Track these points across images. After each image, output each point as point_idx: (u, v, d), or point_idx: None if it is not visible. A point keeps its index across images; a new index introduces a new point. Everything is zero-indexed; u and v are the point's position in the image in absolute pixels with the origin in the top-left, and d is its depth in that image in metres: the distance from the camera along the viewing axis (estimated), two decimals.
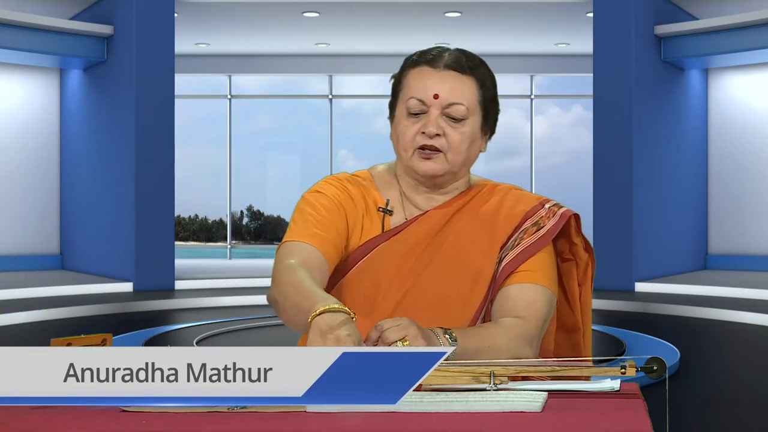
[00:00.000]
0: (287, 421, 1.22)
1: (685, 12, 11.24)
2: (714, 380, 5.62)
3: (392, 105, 1.75)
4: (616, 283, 10.15)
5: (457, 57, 1.70)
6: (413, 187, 1.75)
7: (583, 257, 1.78)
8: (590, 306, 1.81)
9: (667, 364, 1.32)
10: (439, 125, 1.66)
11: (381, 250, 1.71)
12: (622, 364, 1.32)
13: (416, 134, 1.68)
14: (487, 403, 1.24)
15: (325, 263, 1.64)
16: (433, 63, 1.69)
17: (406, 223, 1.73)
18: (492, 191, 1.79)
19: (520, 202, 1.76)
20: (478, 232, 1.72)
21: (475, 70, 1.70)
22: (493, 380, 1.34)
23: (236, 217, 16.29)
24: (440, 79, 1.67)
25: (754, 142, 11.75)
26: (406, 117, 1.69)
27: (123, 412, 1.28)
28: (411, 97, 1.68)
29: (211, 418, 1.23)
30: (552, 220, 1.73)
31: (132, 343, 6.53)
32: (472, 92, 1.69)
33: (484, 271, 1.70)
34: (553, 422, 1.18)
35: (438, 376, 1.36)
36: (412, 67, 1.71)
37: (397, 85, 1.73)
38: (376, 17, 11.91)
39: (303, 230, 1.67)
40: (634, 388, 1.38)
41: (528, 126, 15.30)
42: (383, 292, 1.68)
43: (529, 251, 1.70)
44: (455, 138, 1.68)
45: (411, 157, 1.69)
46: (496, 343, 1.57)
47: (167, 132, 10.26)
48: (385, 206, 1.74)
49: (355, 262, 1.71)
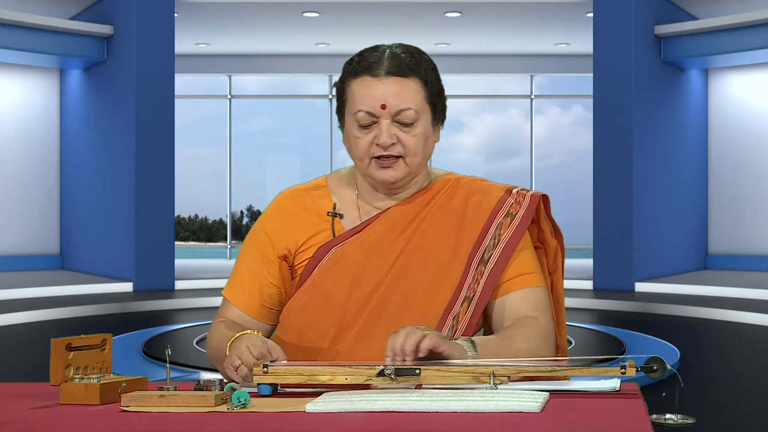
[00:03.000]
0: (287, 421, 1.22)
1: (685, 12, 11.24)
2: (714, 380, 5.62)
3: (340, 113, 1.73)
4: (616, 283, 10.15)
5: (398, 59, 1.66)
6: (371, 190, 1.74)
7: (551, 244, 1.76)
8: (563, 295, 1.78)
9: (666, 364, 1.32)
10: (391, 134, 1.64)
11: (341, 251, 1.70)
12: (622, 364, 1.32)
13: (370, 145, 1.66)
14: (487, 403, 1.24)
15: (252, 321, 1.76)
16: (374, 71, 1.65)
17: (367, 222, 1.72)
18: (456, 186, 1.76)
19: (485, 196, 1.74)
20: (444, 230, 1.71)
21: (416, 70, 1.66)
22: (493, 380, 1.34)
23: (236, 217, 16.29)
24: (384, 87, 1.64)
25: (754, 142, 11.75)
26: (356, 128, 1.67)
27: (123, 412, 1.28)
28: (358, 110, 1.65)
29: (211, 418, 1.23)
30: (523, 205, 1.71)
31: (132, 343, 6.53)
32: (417, 93, 1.66)
33: (451, 270, 1.68)
34: (553, 422, 1.18)
35: (438, 376, 1.36)
36: (353, 76, 1.67)
37: (341, 94, 1.71)
38: (376, 17, 11.91)
39: (233, 288, 1.79)
40: (634, 388, 1.38)
41: (528, 126, 15.30)
42: (346, 291, 1.67)
43: (511, 244, 1.68)
44: (410, 142, 1.65)
45: (368, 166, 1.68)
46: (518, 347, 1.56)
47: (167, 132, 10.26)
48: (333, 210, 1.74)
49: (313, 268, 1.71)
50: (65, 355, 1.40)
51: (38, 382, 1.55)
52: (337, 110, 1.74)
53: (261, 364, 1.40)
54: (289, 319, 1.73)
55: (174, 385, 1.33)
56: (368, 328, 1.64)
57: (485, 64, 14.46)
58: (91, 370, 1.44)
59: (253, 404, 1.30)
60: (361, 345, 1.63)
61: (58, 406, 1.34)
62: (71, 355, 1.41)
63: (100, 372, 1.45)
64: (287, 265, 1.75)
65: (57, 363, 1.40)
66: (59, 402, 1.35)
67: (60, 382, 1.38)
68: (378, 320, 1.64)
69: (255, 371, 1.39)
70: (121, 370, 1.72)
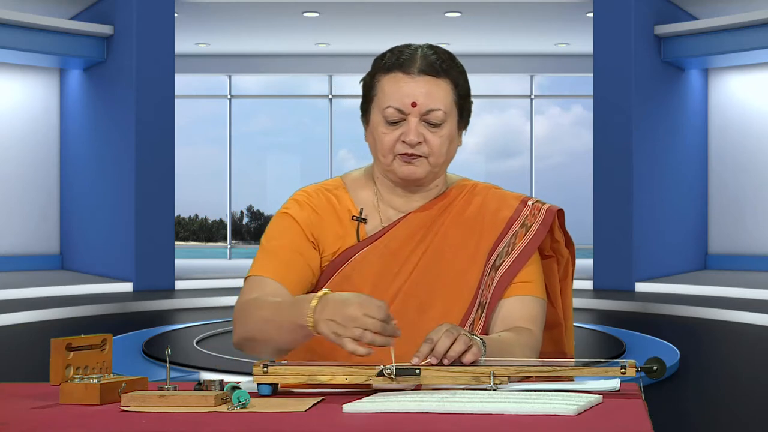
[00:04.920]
0: (287, 421, 1.22)
1: (685, 12, 11.24)
2: (714, 380, 5.62)
3: (365, 108, 1.72)
4: (616, 283, 10.15)
5: (430, 59, 1.66)
6: (391, 188, 1.74)
7: (564, 254, 1.77)
8: (571, 301, 1.81)
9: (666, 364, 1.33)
10: (419, 133, 1.64)
11: (361, 257, 1.69)
12: (622, 364, 1.32)
13: (396, 141, 1.66)
14: (522, 405, 1.24)
15: (288, 295, 1.62)
16: (407, 68, 1.65)
17: (387, 228, 1.72)
18: (472, 192, 1.77)
19: (502, 205, 1.75)
20: (463, 237, 1.72)
21: (449, 71, 1.67)
22: (493, 381, 1.34)
23: (236, 217, 16.29)
24: (416, 85, 1.64)
25: (754, 142, 11.75)
26: (383, 124, 1.67)
27: (123, 412, 1.28)
28: (388, 106, 1.65)
29: (211, 418, 1.23)
30: (538, 218, 1.72)
31: (132, 343, 6.53)
32: (447, 95, 1.66)
33: (469, 276, 1.69)
34: (553, 422, 1.17)
35: (438, 376, 1.36)
36: (384, 72, 1.68)
37: (370, 89, 1.70)
38: (376, 17, 11.91)
39: (266, 264, 1.67)
40: (634, 388, 1.38)
41: (528, 126, 15.30)
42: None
43: (525, 254, 1.69)
44: (436, 142, 1.66)
45: (392, 162, 1.68)
46: (513, 353, 1.56)
47: (167, 132, 10.26)
48: (359, 215, 1.73)
49: (333, 271, 1.70)
50: (65, 355, 1.40)
51: (38, 382, 1.55)
52: (363, 105, 1.73)
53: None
54: None
55: (174, 385, 1.33)
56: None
57: (485, 64, 14.46)
58: (91, 370, 1.44)
59: (253, 404, 1.30)
60: (381, 353, 1.61)
61: (58, 406, 1.34)
62: (71, 355, 1.41)
63: (100, 372, 1.45)
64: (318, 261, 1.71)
65: (57, 363, 1.40)
66: (59, 402, 1.35)
67: (60, 382, 1.38)
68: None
69: (255, 371, 1.39)
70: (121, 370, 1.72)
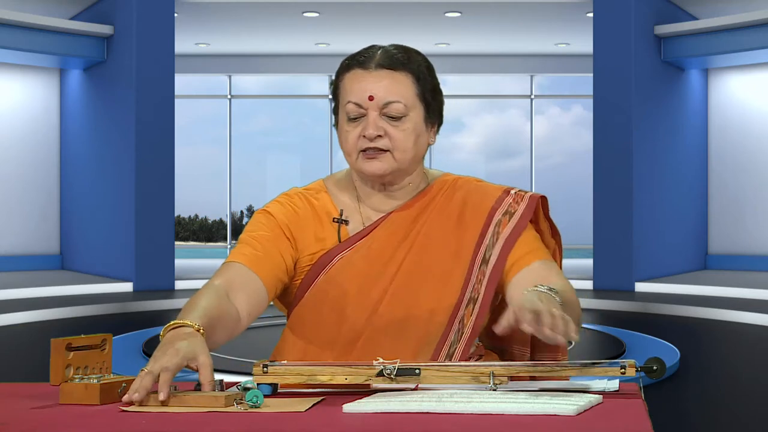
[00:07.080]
0: (287, 421, 1.22)
1: (685, 12, 11.24)
2: (714, 380, 5.62)
3: (335, 111, 1.74)
4: (616, 283, 10.15)
5: (389, 54, 1.67)
6: (369, 189, 1.74)
7: (550, 244, 1.76)
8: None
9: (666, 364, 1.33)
10: (378, 126, 1.65)
11: (345, 259, 1.69)
12: (622, 364, 1.32)
13: (358, 138, 1.66)
14: (522, 405, 1.24)
15: (255, 279, 1.63)
16: (365, 64, 1.67)
17: (368, 229, 1.71)
18: (454, 187, 1.76)
19: (484, 197, 1.73)
20: (446, 233, 1.71)
21: (408, 65, 1.67)
22: (493, 380, 1.34)
23: (236, 217, 16.29)
24: (373, 79, 1.65)
25: (754, 142, 11.75)
26: (346, 122, 1.68)
27: (123, 412, 1.28)
28: (348, 102, 1.67)
29: (210, 417, 1.23)
30: (522, 203, 1.71)
31: (132, 343, 6.53)
32: (408, 87, 1.66)
33: (455, 272, 1.68)
34: (553, 422, 1.17)
35: (437, 376, 1.36)
36: (345, 71, 1.70)
37: (336, 91, 1.72)
38: (376, 17, 11.91)
39: (238, 251, 1.68)
40: (634, 388, 1.38)
41: (528, 126, 15.30)
42: (353, 300, 1.66)
43: (510, 240, 1.68)
44: (398, 136, 1.65)
45: (356, 160, 1.68)
46: (569, 298, 1.51)
47: (167, 132, 10.26)
48: (339, 216, 1.73)
49: (317, 274, 1.70)
50: (65, 355, 1.40)
51: (38, 382, 1.55)
52: (333, 109, 1.75)
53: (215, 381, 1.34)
54: (294, 330, 1.72)
55: (174, 385, 1.33)
56: (375, 337, 1.65)
57: (485, 64, 14.46)
58: (91, 370, 1.44)
59: (267, 404, 1.31)
60: (369, 355, 1.61)
61: (58, 406, 1.34)
62: (71, 355, 1.41)
63: (100, 372, 1.45)
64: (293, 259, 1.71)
65: (57, 363, 1.40)
66: (59, 402, 1.35)
67: (60, 382, 1.38)
68: (385, 329, 1.65)
69: (255, 371, 1.39)
70: (121, 370, 1.72)
